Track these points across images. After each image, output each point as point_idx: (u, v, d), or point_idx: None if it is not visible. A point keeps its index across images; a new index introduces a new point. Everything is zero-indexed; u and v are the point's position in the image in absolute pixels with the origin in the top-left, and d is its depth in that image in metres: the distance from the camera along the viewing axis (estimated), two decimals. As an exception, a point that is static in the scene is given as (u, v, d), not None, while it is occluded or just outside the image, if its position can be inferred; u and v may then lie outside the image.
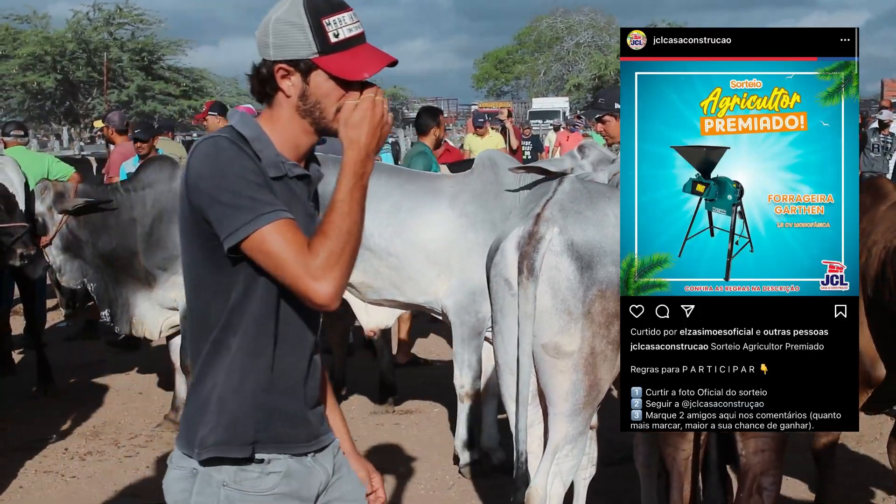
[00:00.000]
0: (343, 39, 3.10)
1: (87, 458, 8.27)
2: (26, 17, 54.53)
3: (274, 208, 2.98)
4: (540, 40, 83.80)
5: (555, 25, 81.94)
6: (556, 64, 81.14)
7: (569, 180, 5.41)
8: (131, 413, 9.49)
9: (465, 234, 7.49)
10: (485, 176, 7.62)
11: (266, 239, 2.97)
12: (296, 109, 3.15)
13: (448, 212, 7.57)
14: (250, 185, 2.98)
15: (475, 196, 7.55)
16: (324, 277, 2.98)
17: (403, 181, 7.76)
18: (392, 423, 9.22)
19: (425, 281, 7.63)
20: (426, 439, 8.74)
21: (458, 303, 7.54)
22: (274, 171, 3.10)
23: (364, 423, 9.20)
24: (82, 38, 53.03)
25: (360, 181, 3.15)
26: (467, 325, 7.55)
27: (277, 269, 2.99)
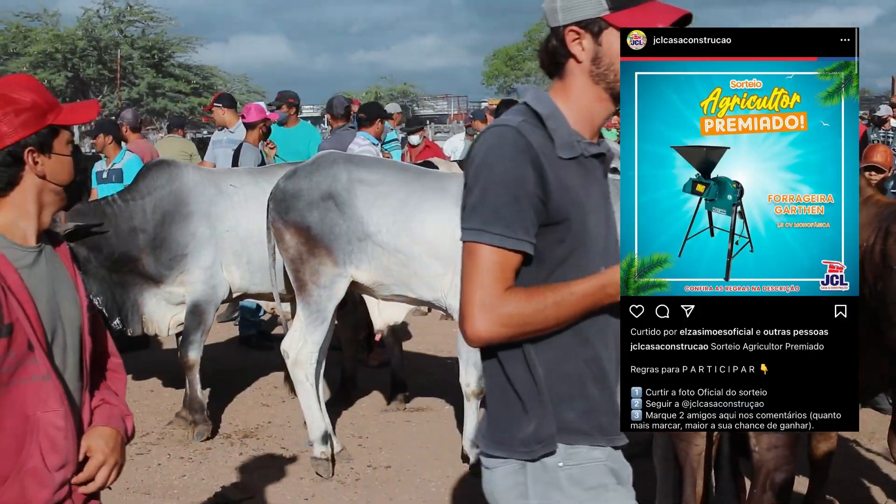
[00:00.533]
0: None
1: (98, 456, 8.27)
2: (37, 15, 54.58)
3: (507, 234, 2.99)
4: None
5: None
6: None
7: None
8: (142, 411, 9.50)
9: None
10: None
11: (477, 254, 3.01)
12: (588, 75, 3.18)
13: (454, 209, 7.58)
14: (506, 197, 2.99)
15: None
16: (493, 322, 2.99)
17: (410, 178, 7.79)
18: (403, 420, 9.24)
19: (432, 277, 7.65)
20: (437, 437, 8.76)
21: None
22: (568, 152, 3.12)
23: (375, 420, 9.22)
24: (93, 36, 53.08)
25: (591, 307, 3.22)
26: (472, 324, 7.53)
27: (465, 281, 3.03)
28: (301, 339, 7.88)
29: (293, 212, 7.77)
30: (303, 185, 7.79)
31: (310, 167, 7.91)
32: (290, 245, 7.78)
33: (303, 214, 7.73)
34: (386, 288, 7.84)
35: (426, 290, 7.75)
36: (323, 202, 7.71)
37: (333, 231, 7.68)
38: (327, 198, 7.70)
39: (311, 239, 7.70)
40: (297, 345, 7.90)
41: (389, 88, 71.96)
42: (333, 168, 7.79)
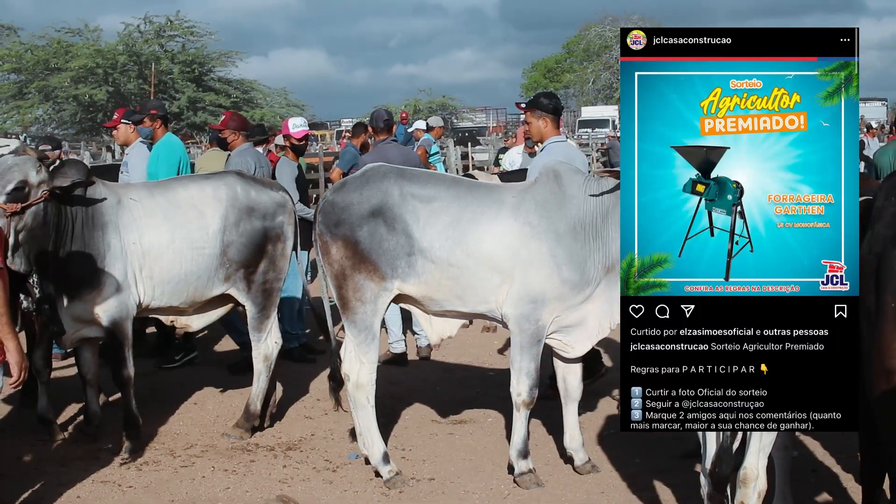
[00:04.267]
0: None
1: (143, 468, 8.32)
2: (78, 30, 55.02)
3: None
4: (589, 49, 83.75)
5: (603, 34, 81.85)
6: (605, 72, 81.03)
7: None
8: (186, 423, 9.54)
9: (529, 244, 7.51)
10: (548, 186, 7.64)
11: None
12: None
13: (511, 221, 7.58)
14: None
15: (538, 205, 7.57)
16: None
17: (463, 192, 7.77)
18: (446, 433, 9.23)
19: (487, 290, 7.65)
20: (480, 449, 8.75)
21: (518, 311, 7.55)
22: None
23: (418, 432, 9.22)
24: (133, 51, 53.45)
25: None
26: (527, 333, 7.56)
27: None
28: (357, 360, 7.89)
29: (343, 225, 7.75)
30: (353, 198, 7.78)
31: (359, 180, 7.89)
32: (335, 259, 7.77)
33: (353, 228, 7.72)
34: (436, 303, 7.84)
35: (480, 302, 7.74)
36: (373, 217, 7.70)
37: (382, 246, 7.67)
38: (378, 212, 7.69)
39: (359, 253, 7.69)
40: (355, 367, 7.90)
41: (429, 101, 72.05)
42: (385, 182, 7.77)
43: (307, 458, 8.58)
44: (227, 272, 8.97)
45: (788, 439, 6.77)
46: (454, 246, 7.61)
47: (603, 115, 63.34)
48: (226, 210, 8.94)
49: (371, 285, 7.72)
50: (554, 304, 7.57)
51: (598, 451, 8.53)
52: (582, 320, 7.75)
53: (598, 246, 7.51)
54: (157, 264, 8.65)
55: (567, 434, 8.14)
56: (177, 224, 8.76)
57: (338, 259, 7.77)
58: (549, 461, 8.37)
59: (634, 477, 7.94)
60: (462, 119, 73.13)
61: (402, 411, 9.81)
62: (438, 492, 7.82)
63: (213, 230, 8.88)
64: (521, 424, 7.77)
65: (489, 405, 9.83)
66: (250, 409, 9.23)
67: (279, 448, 8.85)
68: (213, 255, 8.88)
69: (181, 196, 8.92)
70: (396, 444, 8.83)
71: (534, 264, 7.51)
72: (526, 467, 7.80)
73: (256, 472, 8.26)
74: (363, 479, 8.05)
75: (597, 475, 8.02)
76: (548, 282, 7.51)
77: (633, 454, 8.42)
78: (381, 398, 8.26)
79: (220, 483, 8.03)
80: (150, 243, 8.63)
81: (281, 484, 8.01)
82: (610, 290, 7.60)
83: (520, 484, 7.77)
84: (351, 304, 7.79)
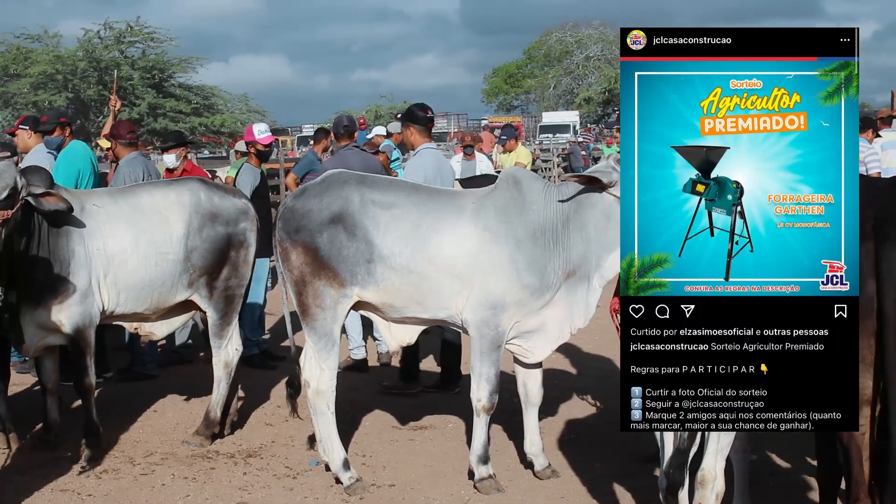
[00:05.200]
0: None
1: (102, 477, 8.29)
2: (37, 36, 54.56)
3: None
4: (550, 54, 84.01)
5: (564, 39, 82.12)
6: (566, 78, 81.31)
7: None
8: (146, 431, 9.50)
9: (489, 249, 7.53)
10: (508, 192, 7.67)
11: None
12: None
13: (471, 227, 7.60)
14: None
15: (498, 211, 7.60)
16: None
17: (424, 198, 7.79)
18: (406, 439, 9.24)
19: (447, 296, 7.66)
20: (441, 455, 8.76)
21: (478, 317, 7.57)
22: None
23: (379, 438, 9.22)
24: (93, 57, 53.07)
25: None
26: (487, 339, 7.58)
27: None
28: (318, 367, 7.89)
29: (303, 231, 7.76)
30: (313, 204, 7.78)
31: (320, 186, 7.89)
32: (295, 265, 7.77)
33: (312, 234, 7.73)
34: (396, 310, 7.85)
35: (440, 308, 7.76)
36: (333, 223, 7.71)
37: (342, 252, 7.67)
38: (338, 219, 7.70)
39: (319, 260, 7.70)
40: (315, 374, 7.90)
41: (390, 107, 72.03)
42: (345, 188, 7.77)
43: (267, 465, 8.57)
44: (190, 278, 8.95)
45: (746, 442, 6.81)
46: (414, 252, 7.63)
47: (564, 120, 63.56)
48: (189, 216, 8.92)
49: (331, 292, 7.72)
50: (514, 310, 7.59)
51: (558, 457, 8.56)
52: (542, 326, 7.77)
53: (558, 251, 7.54)
54: (121, 270, 8.61)
55: (527, 439, 8.17)
56: (141, 230, 8.73)
57: (298, 265, 7.77)
58: (510, 467, 8.39)
59: (594, 482, 7.96)
60: (423, 124, 73.05)
61: (363, 417, 9.81)
62: (399, 498, 7.83)
63: (176, 236, 8.85)
64: (482, 430, 7.79)
65: (449, 411, 9.85)
66: (210, 416, 9.21)
67: (239, 455, 8.83)
68: (176, 261, 8.85)
69: (145, 202, 8.89)
70: (357, 451, 8.84)
71: (494, 270, 7.53)
72: (486, 473, 7.82)
73: (216, 480, 8.24)
74: (324, 486, 8.05)
75: (557, 480, 8.05)
76: (508, 287, 7.53)
77: (593, 459, 8.45)
78: (341, 404, 8.26)
79: (181, 491, 8.01)
80: (114, 249, 8.59)
81: (241, 491, 7.99)
82: (570, 295, 7.65)
83: (480, 489, 7.79)
84: (311, 311, 7.79)
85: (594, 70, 78.34)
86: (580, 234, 7.51)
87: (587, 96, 74.60)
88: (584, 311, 7.72)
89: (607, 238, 7.40)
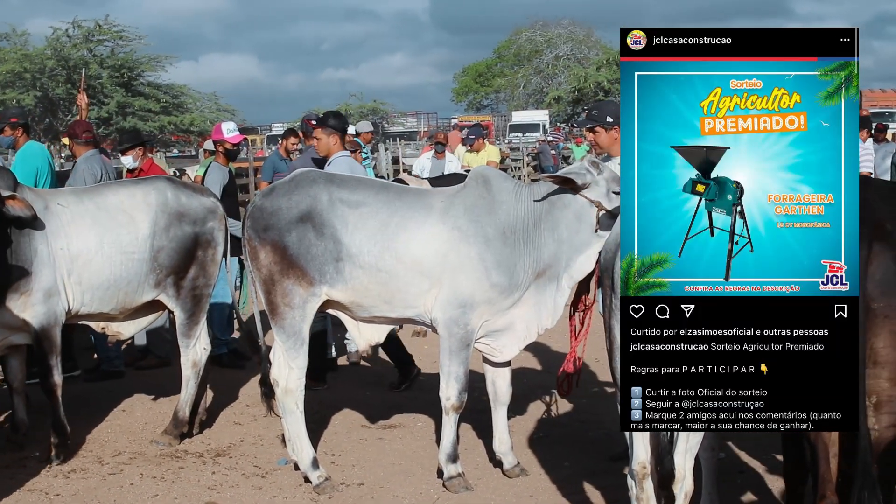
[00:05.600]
0: None
1: (70, 476, 8.25)
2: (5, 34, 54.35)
3: None
4: (519, 53, 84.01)
5: (534, 38, 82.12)
6: (536, 77, 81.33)
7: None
8: (114, 430, 9.47)
9: (458, 248, 7.54)
10: (477, 191, 7.68)
11: None
12: None
13: (440, 226, 7.61)
14: None
15: (467, 210, 7.61)
16: None
17: (392, 197, 7.79)
18: (376, 437, 9.23)
19: (415, 294, 7.67)
20: (410, 453, 8.76)
21: (447, 315, 7.58)
22: None
23: (348, 437, 9.22)
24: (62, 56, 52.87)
25: None
26: (456, 337, 7.59)
27: None
28: (286, 366, 7.87)
29: (272, 230, 7.74)
30: (282, 203, 7.77)
31: (288, 185, 7.88)
32: (263, 264, 7.76)
33: (281, 233, 7.71)
34: (365, 308, 7.84)
35: (408, 307, 7.76)
36: (302, 222, 7.70)
37: (310, 251, 7.66)
38: (306, 218, 7.69)
39: (287, 258, 7.68)
40: (284, 373, 7.89)
41: (360, 106, 71.92)
42: (314, 187, 7.76)
43: (236, 465, 8.55)
44: (157, 278, 8.91)
45: (715, 441, 6.84)
46: (383, 251, 7.62)
47: (534, 119, 63.54)
48: (156, 215, 8.88)
49: (299, 290, 7.71)
50: (483, 308, 7.60)
51: (527, 455, 8.57)
52: (510, 325, 7.78)
53: (528, 251, 7.55)
54: (85, 270, 8.57)
55: (496, 438, 8.17)
56: (106, 229, 8.68)
57: (266, 264, 7.76)
58: (479, 465, 8.40)
59: (564, 480, 7.98)
60: (393, 123, 73.03)
61: (332, 416, 9.79)
62: (368, 497, 7.82)
63: (142, 235, 8.82)
64: (451, 428, 7.79)
65: (419, 410, 9.85)
66: (179, 415, 9.18)
67: (208, 454, 8.81)
68: (143, 261, 8.82)
69: (111, 201, 8.84)
70: (326, 450, 8.83)
71: (463, 268, 7.54)
72: (455, 471, 7.82)
73: (185, 479, 8.22)
74: (292, 485, 8.03)
75: (526, 479, 8.05)
76: (477, 286, 7.54)
77: (562, 457, 8.46)
78: (310, 403, 8.26)
79: (149, 490, 7.98)
80: (78, 249, 8.55)
81: (210, 490, 7.97)
82: (539, 294, 7.67)
83: (449, 488, 7.80)
84: (279, 310, 7.78)
85: (564, 69, 78.36)
86: (552, 235, 7.53)
87: (557, 95, 74.56)
88: (553, 310, 7.75)
89: (579, 239, 7.46)
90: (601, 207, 7.37)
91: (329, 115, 10.08)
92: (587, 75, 70.70)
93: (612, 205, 7.27)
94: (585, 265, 7.52)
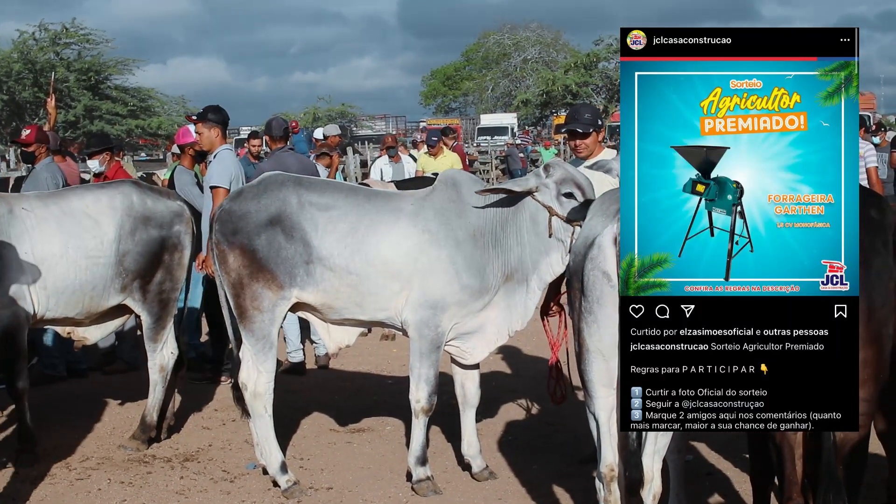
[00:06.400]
0: None
1: (37, 482, 8.20)
2: (-30, 37, 54.17)
3: None
4: (487, 57, 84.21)
5: (502, 42, 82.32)
6: (504, 80, 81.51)
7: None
8: (81, 435, 9.42)
9: (428, 250, 7.54)
10: (447, 194, 7.69)
11: None
12: None
13: (410, 228, 7.61)
14: None
15: (437, 213, 7.62)
16: None
17: (362, 200, 7.78)
18: (344, 441, 9.22)
19: (386, 297, 7.66)
20: (378, 457, 8.75)
21: (418, 317, 7.58)
22: None
23: (317, 441, 9.20)
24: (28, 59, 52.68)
25: None
26: (426, 340, 7.58)
27: None
28: (255, 369, 7.85)
29: (240, 234, 7.71)
30: (251, 206, 7.74)
31: (257, 188, 7.85)
32: (232, 268, 7.73)
33: (250, 236, 7.69)
34: (335, 311, 7.83)
35: (379, 310, 7.75)
36: (271, 225, 7.68)
37: (280, 254, 7.64)
38: (276, 221, 7.67)
39: (257, 262, 7.66)
40: (253, 376, 7.86)
41: (328, 109, 71.86)
42: (283, 190, 7.74)
43: (204, 469, 8.53)
44: (123, 282, 8.87)
45: (682, 443, 6.86)
46: (353, 254, 7.62)
47: (502, 122, 63.65)
48: (121, 219, 8.84)
49: (269, 294, 7.69)
50: (453, 311, 7.60)
51: (496, 458, 8.57)
52: (481, 327, 7.79)
53: (497, 253, 7.57)
54: (50, 274, 8.51)
55: (465, 441, 8.17)
56: (71, 234, 8.64)
57: (235, 268, 7.73)
58: (448, 468, 8.40)
59: (532, 483, 7.98)
60: (361, 127, 72.99)
61: (301, 420, 9.78)
62: (337, 501, 7.81)
63: (108, 239, 8.77)
64: (420, 431, 7.79)
65: (388, 413, 9.85)
66: (147, 420, 9.14)
67: (176, 459, 8.78)
68: (108, 265, 8.77)
69: (75, 205, 8.80)
70: (295, 454, 8.81)
71: (433, 271, 7.55)
72: (424, 474, 7.82)
73: (153, 484, 8.19)
74: (261, 490, 8.02)
75: (494, 482, 8.06)
76: (447, 288, 7.55)
77: (531, 460, 8.47)
78: (279, 407, 8.23)
79: (117, 495, 7.95)
80: (43, 253, 8.49)
81: (178, 495, 7.95)
82: (509, 297, 7.68)
83: (417, 491, 7.79)
84: (248, 313, 7.76)
85: (532, 72, 78.47)
86: (516, 238, 7.55)
87: (525, 98, 74.62)
88: (523, 313, 7.76)
89: (539, 242, 7.47)
90: (553, 212, 7.37)
91: (208, 110, 10.14)
92: (555, 78, 70.72)
93: (562, 209, 7.29)
94: (554, 267, 7.52)
